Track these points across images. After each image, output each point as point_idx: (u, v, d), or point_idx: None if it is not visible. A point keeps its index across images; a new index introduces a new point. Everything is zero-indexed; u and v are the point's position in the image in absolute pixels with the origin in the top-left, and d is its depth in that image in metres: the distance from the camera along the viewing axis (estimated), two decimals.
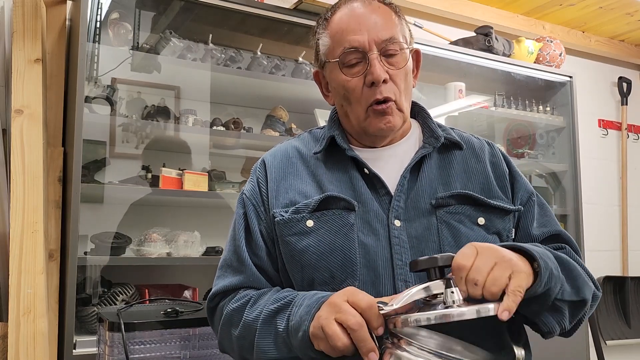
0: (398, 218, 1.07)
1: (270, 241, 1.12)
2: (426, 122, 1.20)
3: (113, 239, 2.17)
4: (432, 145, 1.14)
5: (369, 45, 1.08)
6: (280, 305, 1.00)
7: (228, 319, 1.07)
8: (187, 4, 2.37)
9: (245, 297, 1.07)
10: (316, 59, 1.20)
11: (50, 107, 2.16)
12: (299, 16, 2.45)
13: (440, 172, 1.13)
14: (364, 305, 0.86)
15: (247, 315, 1.03)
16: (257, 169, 1.19)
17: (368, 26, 1.08)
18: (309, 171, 1.14)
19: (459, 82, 3.00)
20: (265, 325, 1.00)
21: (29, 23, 2.07)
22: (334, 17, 1.14)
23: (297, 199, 1.10)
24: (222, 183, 2.41)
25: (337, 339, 0.86)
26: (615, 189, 3.88)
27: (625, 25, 3.69)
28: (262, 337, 1.00)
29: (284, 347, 0.98)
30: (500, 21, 3.40)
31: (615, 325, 3.59)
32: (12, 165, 1.85)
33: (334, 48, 1.11)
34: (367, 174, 1.11)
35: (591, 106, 3.82)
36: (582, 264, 1.09)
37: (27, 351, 1.63)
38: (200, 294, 2.31)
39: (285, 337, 0.97)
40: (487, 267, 0.84)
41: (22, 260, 1.72)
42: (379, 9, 1.12)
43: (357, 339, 0.85)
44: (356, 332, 0.85)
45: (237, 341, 1.05)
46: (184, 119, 2.36)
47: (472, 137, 1.22)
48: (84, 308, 2.03)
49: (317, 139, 1.21)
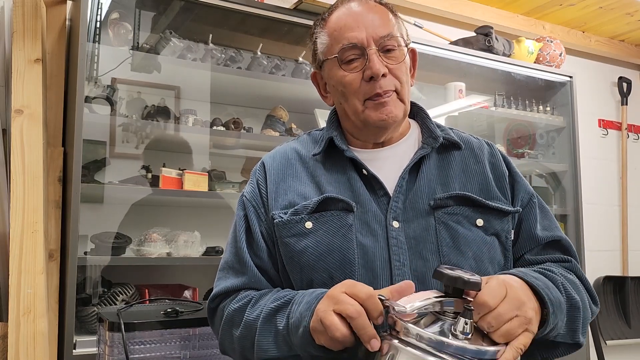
0: (396, 219, 1.07)
1: (271, 242, 1.12)
2: (425, 123, 1.20)
3: (113, 239, 2.17)
4: (431, 146, 1.14)
5: (367, 42, 1.08)
6: (280, 304, 1.01)
7: (229, 319, 1.07)
8: (187, 4, 2.37)
9: (246, 298, 1.08)
10: (314, 60, 1.20)
11: (50, 107, 2.16)
12: (299, 16, 2.44)
13: (439, 172, 1.13)
14: (363, 295, 0.86)
15: (248, 315, 1.04)
16: (257, 171, 1.19)
17: (366, 23, 1.09)
18: (307, 173, 1.15)
19: (459, 82, 3.00)
20: (265, 324, 1.00)
21: (29, 23, 2.07)
22: (332, 16, 1.15)
23: (296, 200, 1.10)
24: (222, 183, 2.41)
25: (335, 329, 0.86)
26: (615, 189, 3.88)
27: (625, 25, 3.69)
28: (263, 336, 1.00)
29: (284, 346, 0.98)
30: (500, 21, 3.40)
31: (615, 325, 3.59)
32: (12, 165, 1.85)
33: (332, 45, 1.12)
34: (365, 174, 1.11)
35: (591, 106, 3.82)
36: (585, 279, 1.11)
37: (27, 351, 1.63)
38: (200, 294, 2.31)
39: (285, 335, 0.97)
40: (507, 317, 0.84)
41: (22, 260, 1.72)
42: (375, 7, 1.13)
43: (357, 327, 0.85)
44: (355, 320, 0.85)
45: (239, 341, 1.05)
46: (184, 119, 2.36)
47: (471, 137, 1.22)
48: (84, 308, 2.03)
49: (316, 140, 1.21)
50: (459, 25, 3.34)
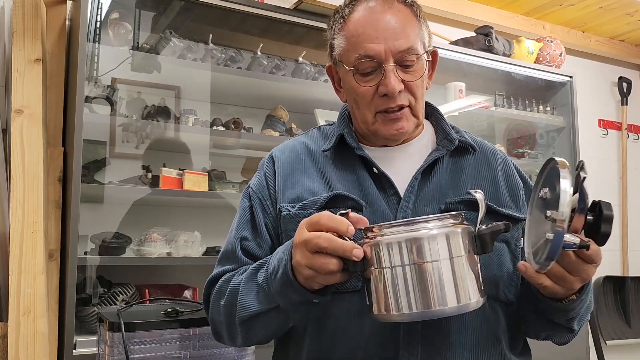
0: (406, 218, 1.06)
1: (275, 236, 1.11)
2: (440, 124, 1.18)
3: (113, 239, 2.17)
4: (447, 148, 1.13)
5: (385, 56, 1.04)
6: (260, 263, 1.01)
7: (217, 292, 1.07)
8: (187, 4, 2.37)
9: (233, 272, 1.08)
10: (330, 55, 1.17)
11: (50, 107, 2.16)
12: (299, 16, 2.44)
13: (451, 176, 1.11)
14: (323, 221, 0.86)
15: (233, 282, 1.04)
16: (265, 164, 1.18)
17: (386, 34, 1.04)
18: (317, 168, 1.14)
19: (459, 82, 3.00)
20: (247, 284, 1.00)
21: (29, 23, 2.07)
22: (351, 17, 1.09)
23: (304, 195, 1.09)
24: (222, 183, 2.41)
25: (327, 265, 0.85)
26: (615, 189, 3.88)
27: (625, 25, 3.69)
28: (244, 294, 0.99)
29: (265, 299, 0.97)
30: (500, 21, 3.40)
31: (615, 325, 3.59)
32: (12, 165, 1.85)
33: (349, 52, 1.08)
34: (375, 173, 1.10)
35: (591, 106, 3.82)
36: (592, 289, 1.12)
37: (27, 351, 1.63)
38: (200, 294, 2.30)
39: (265, 288, 0.96)
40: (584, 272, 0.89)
41: (22, 260, 1.72)
42: (399, 13, 1.07)
43: (334, 250, 0.84)
44: (328, 247, 0.84)
45: (225, 309, 1.04)
46: (184, 119, 2.36)
47: (485, 142, 1.21)
48: (84, 308, 2.03)
49: (325, 136, 1.20)
50: (459, 25, 3.34)
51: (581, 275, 0.89)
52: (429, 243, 0.83)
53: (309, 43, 2.65)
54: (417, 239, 0.83)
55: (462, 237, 0.85)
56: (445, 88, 3.00)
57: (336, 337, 1.02)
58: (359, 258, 0.84)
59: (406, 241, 0.83)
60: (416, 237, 0.83)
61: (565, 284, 0.89)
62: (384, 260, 0.84)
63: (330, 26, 1.15)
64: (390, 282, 0.84)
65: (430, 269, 0.82)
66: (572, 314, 0.98)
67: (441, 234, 0.83)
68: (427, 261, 0.82)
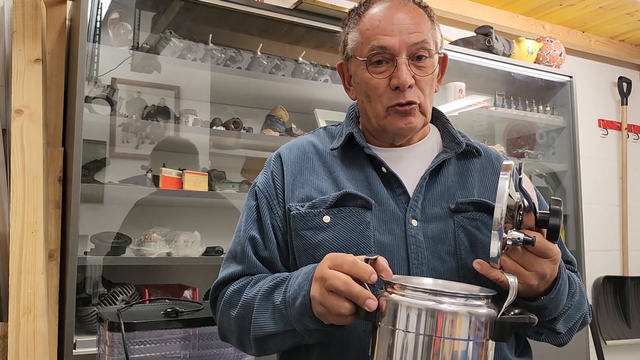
0: (415, 218, 1.07)
1: (281, 235, 1.11)
2: (446, 127, 1.20)
3: (113, 239, 2.17)
4: (454, 151, 1.14)
5: (398, 48, 1.06)
6: (277, 282, 1.00)
7: (227, 300, 1.07)
8: (187, 4, 2.37)
9: (244, 280, 1.08)
10: (342, 51, 1.18)
11: (50, 107, 2.16)
12: (299, 16, 2.45)
13: (458, 178, 1.13)
14: (347, 264, 0.86)
15: (246, 295, 1.03)
16: (272, 162, 1.18)
17: (400, 28, 1.07)
18: (325, 167, 1.14)
19: (459, 82, 3.00)
20: (262, 301, 1.00)
21: (29, 23, 2.07)
22: (367, 13, 1.12)
23: (313, 194, 1.10)
24: (222, 183, 2.41)
25: (338, 308, 0.85)
26: (615, 189, 3.88)
27: (625, 25, 3.69)
28: (260, 313, 0.99)
29: (281, 321, 0.97)
30: (500, 21, 3.40)
31: (615, 325, 3.59)
32: (12, 165, 1.85)
33: (363, 45, 1.10)
34: (384, 172, 1.11)
35: (591, 106, 3.82)
36: (584, 293, 1.12)
37: (27, 351, 1.63)
38: (200, 294, 2.31)
39: (282, 310, 0.96)
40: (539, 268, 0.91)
41: (22, 260, 1.72)
42: (413, 11, 1.10)
43: (350, 296, 0.84)
44: (344, 291, 0.84)
45: (236, 322, 1.04)
46: (184, 119, 2.36)
47: (488, 147, 1.23)
48: (84, 308, 2.03)
49: (333, 135, 1.20)
50: (459, 25, 3.34)
51: (537, 270, 0.90)
52: (449, 320, 0.80)
53: (308, 43, 2.65)
54: (437, 312, 0.80)
55: (483, 321, 0.82)
56: (445, 88, 3.00)
57: (346, 344, 1.02)
58: (372, 310, 0.83)
59: (426, 310, 0.81)
60: (437, 310, 0.80)
61: (523, 278, 0.90)
62: (398, 321, 0.82)
63: (344, 24, 1.18)
64: (400, 345, 0.82)
65: (441, 345, 0.80)
66: (547, 312, 0.98)
67: (465, 314, 0.81)
68: (441, 337, 0.80)
